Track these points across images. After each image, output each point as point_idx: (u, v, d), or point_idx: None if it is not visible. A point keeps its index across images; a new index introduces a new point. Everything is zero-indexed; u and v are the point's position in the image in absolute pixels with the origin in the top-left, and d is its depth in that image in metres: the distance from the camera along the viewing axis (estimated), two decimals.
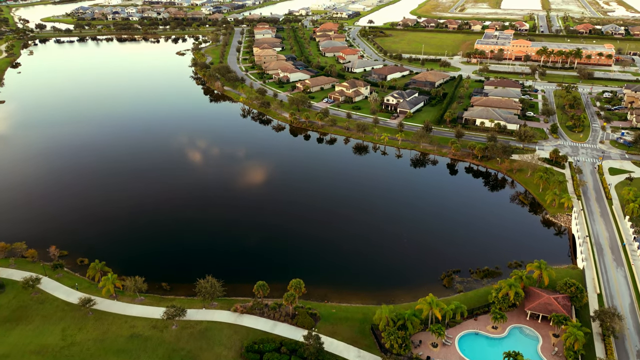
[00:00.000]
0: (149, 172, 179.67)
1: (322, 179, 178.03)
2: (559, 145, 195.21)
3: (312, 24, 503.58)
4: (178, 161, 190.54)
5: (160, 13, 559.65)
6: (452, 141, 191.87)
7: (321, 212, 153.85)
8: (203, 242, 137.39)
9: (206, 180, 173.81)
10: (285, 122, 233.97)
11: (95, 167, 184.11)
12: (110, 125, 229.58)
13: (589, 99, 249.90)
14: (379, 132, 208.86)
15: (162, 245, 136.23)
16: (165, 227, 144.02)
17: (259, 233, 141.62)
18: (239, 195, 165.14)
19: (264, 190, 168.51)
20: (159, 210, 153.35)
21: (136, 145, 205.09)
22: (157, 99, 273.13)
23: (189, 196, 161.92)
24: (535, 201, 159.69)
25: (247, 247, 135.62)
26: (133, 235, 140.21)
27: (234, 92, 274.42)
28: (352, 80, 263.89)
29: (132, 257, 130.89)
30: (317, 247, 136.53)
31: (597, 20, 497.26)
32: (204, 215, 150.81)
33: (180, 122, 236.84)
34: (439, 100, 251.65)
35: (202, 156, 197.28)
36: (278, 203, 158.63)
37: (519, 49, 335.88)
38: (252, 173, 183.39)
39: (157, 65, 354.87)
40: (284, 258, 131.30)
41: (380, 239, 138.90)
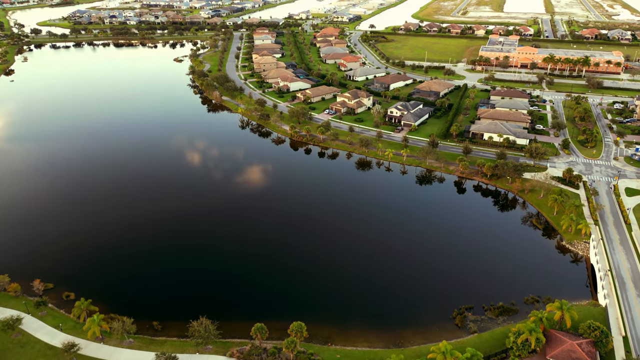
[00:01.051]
0: (142, 194, 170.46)
1: (322, 199, 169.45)
2: (572, 162, 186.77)
3: (313, 29, 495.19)
4: (172, 181, 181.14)
5: (158, 17, 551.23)
6: (459, 158, 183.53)
7: (322, 240, 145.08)
8: (198, 273, 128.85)
9: (201, 204, 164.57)
10: (285, 135, 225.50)
11: (85, 187, 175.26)
12: (102, 141, 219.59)
13: (599, 111, 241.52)
14: (383, 147, 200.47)
15: (154, 277, 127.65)
16: (157, 257, 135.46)
17: (257, 263, 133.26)
18: (235, 220, 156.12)
19: (261, 214, 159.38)
20: (151, 238, 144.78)
21: (129, 164, 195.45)
22: (153, 111, 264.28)
23: (182, 223, 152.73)
24: (549, 225, 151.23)
25: (245, 278, 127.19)
26: (123, 265, 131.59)
27: (233, 103, 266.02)
28: (355, 91, 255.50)
29: (121, 290, 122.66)
30: (318, 279, 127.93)
31: (602, 25, 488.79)
32: (199, 244, 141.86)
33: (177, 136, 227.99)
34: (444, 111, 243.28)
35: (198, 176, 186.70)
36: (277, 228, 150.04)
37: (525, 56, 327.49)
38: (250, 194, 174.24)
39: (154, 73, 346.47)
40: (283, 291, 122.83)
41: (386, 269, 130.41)
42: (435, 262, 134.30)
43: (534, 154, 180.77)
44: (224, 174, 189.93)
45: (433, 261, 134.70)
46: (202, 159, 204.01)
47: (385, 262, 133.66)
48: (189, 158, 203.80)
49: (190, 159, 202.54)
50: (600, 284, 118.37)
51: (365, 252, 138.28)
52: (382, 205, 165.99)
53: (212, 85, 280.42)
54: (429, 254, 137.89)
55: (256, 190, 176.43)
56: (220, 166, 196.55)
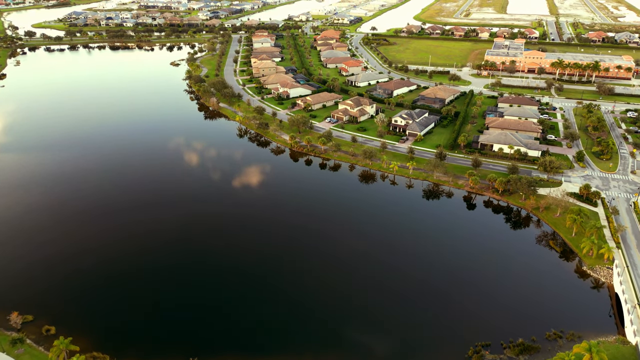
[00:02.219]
0: (133, 212, 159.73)
1: (324, 216, 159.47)
2: (587, 176, 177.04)
3: (313, 31, 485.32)
4: (164, 196, 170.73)
5: (155, 19, 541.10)
6: (469, 172, 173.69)
7: (323, 262, 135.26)
8: (193, 307, 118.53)
9: (195, 223, 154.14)
10: (284, 145, 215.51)
11: (73, 204, 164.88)
12: (91, 153, 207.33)
13: (612, 119, 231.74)
14: (388, 159, 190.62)
15: (143, 309, 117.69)
16: (148, 286, 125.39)
17: (255, 291, 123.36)
18: (232, 240, 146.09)
19: (259, 232, 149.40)
20: (142, 264, 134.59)
21: (119, 179, 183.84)
22: (147, 119, 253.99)
23: (176, 245, 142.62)
24: (567, 247, 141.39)
25: (240, 309, 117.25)
26: (110, 294, 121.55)
27: (230, 110, 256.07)
28: (357, 98, 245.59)
29: (107, 324, 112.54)
30: (318, 311, 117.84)
31: (608, 27, 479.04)
32: (193, 271, 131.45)
33: (171, 146, 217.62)
34: (451, 120, 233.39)
35: (192, 191, 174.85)
36: (275, 248, 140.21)
37: (532, 60, 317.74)
38: (247, 209, 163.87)
39: (150, 77, 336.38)
40: (279, 325, 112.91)
41: (391, 299, 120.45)
42: (445, 289, 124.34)
43: (548, 168, 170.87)
44: (219, 187, 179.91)
45: (443, 289, 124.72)
46: (197, 171, 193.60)
47: (391, 289, 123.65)
48: (183, 170, 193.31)
49: (184, 172, 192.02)
50: (629, 318, 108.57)
51: (368, 277, 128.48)
52: (387, 223, 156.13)
53: (209, 92, 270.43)
54: (439, 281, 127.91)
55: (253, 205, 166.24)
56: (216, 179, 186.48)
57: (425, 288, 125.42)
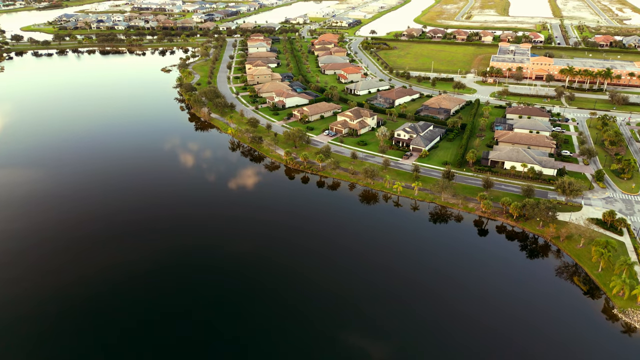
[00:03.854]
0: (111, 241, 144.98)
1: (320, 241, 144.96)
2: (609, 198, 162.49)
3: (310, 34, 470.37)
4: (146, 218, 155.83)
5: (148, 21, 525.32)
6: (480, 195, 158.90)
7: (320, 295, 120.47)
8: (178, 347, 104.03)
9: (175, 251, 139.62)
10: (279, 161, 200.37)
11: (49, 217, 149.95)
12: (68, 167, 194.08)
13: (628, 132, 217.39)
14: (391, 178, 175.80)
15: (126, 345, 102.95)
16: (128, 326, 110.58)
17: (245, 329, 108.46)
18: (217, 271, 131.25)
19: (249, 257, 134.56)
20: (122, 305, 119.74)
21: (98, 199, 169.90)
22: (134, 131, 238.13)
23: (159, 275, 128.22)
24: (593, 284, 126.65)
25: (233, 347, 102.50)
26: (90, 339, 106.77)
27: (222, 122, 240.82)
28: (357, 109, 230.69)
29: None
30: (315, 345, 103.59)
31: (615, 31, 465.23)
32: (176, 312, 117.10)
33: (157, 161, 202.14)
34: (457, 133, 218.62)
35: (175, 212, 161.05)
36: (267, 278, 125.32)
37: (539, 67, 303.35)
38: (236, 234, 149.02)
39: (139, 85, 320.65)
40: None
41: (393, 343, 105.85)
42: (453, 331, 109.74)
43: (567, 190, 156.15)
44: (206, 207, 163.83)
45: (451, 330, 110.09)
46: (183, 189, 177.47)
47: (393, 330, 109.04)
48: (167, 189, 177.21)
49: (169, 190, 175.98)
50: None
51: (368, 313, 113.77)
52: (389, 249, 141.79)
53: (200, 101, 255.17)
54: (447, 320, 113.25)
55: (243, 228, 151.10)
56: (204, 198, 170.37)
57: (432, 329, 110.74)
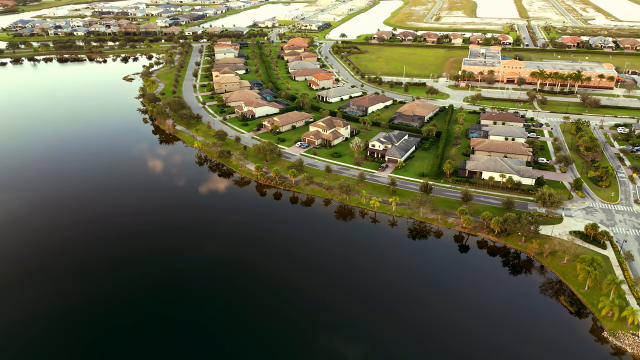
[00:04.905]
0: (62, 266, 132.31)
1: (293, 262, 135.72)
2: (589, 208, 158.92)
3: (280, 38, 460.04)
4: (97, 242, 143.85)
5: (110, 26, 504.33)
6: (460, 210, 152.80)
7: (287, 320, 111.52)
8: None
9: (130, 280, 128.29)
10: (249, 176, 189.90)
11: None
12: (18, 185, 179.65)
13: (603, 137, 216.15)
14: (367, 193, 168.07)
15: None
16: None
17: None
18: (179, 294, 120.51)
19: (212, 285, 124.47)
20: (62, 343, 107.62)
21: (49, 223, 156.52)
22: (91, 146, 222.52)
23: (102, 308, 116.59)
24: (579, 303, 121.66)
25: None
26: None
27: (188, 134, 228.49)
28: (329, 119, 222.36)
29: None
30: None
31: (581, 31, 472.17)
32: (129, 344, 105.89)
33: (116, 178, 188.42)
34: (433, 142, 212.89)
35: (133, 237, 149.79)
36: (230, 307, 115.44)
37: (511, 70, 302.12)
38: (199, 256, 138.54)
39: (99, 95, 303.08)
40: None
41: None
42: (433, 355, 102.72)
43: (547, 202, 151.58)
44: (170, 229, 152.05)
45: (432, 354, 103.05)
46: (143, 208, 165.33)
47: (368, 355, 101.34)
48: (126, 208, 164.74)
49: (127, 209, 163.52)
50: None
51: (340, 337, 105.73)
52: (366, 269, 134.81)
53: (164, 113, 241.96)
54: (429, 347, 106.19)
55: (209, 250, 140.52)
56: (166, 219, 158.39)
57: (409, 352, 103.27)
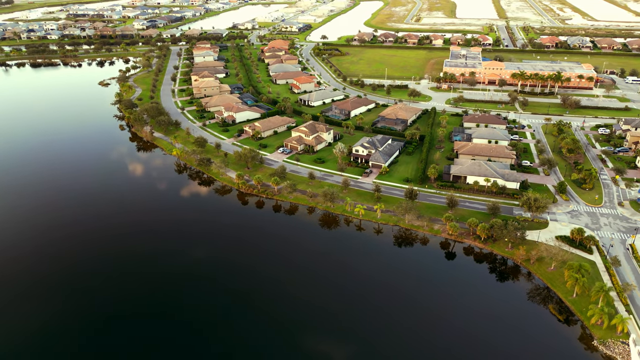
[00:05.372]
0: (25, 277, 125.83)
1: (276, 273, 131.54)
2: (573, 212, 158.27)
3: (260, 40, 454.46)
4: (72, 256, 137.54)
5: (85, 29, 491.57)
6: (446, 216, 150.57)
7: (267, 335, 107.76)
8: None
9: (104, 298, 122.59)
10: (231, 184, 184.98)
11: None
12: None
13: (585, 138, 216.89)
14: (352, 200, 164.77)
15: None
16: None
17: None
18: (156, 309, 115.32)
19: (191, 300, 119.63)
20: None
21: (24, 235, 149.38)
22: (66, 155, 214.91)
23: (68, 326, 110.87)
24: (567, 310, 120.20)
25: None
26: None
27: (167, 142, 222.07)
28: (312, 124, 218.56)
29: None
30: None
31: (559, 31, 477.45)
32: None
33: (91, 189, 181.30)
34: (416, 145, 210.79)
35: (109, 253, 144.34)
36: (208, 321, 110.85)
37: (492, 71, 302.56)
38: (179, 268, 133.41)
39: (74, 101, 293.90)
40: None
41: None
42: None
43: (532, 207, 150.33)
44: (147, 241, 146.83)
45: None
46: (120, 219, 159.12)
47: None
48: (101, 219, 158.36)
49: (103, 221, 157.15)
50: None
51: (325, 346, 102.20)
52: (351, 279, 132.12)
53: (142, 120, 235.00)
54: (415, 356, 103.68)
55: (190, 261, 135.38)
56: (143, 231, 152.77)
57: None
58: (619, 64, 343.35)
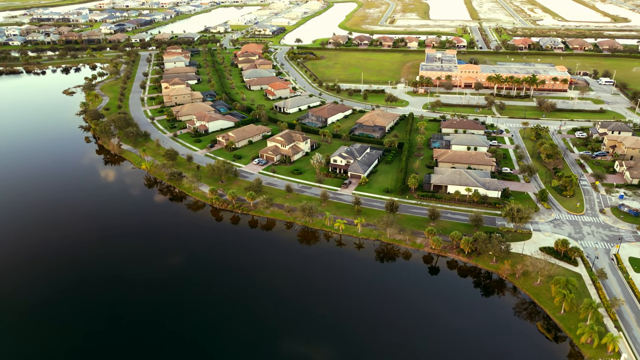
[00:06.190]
0: None
1: (251, 295, 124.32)
2: (556, 220, 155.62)
3: (233, 44, 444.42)
4: (30, 284, 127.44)
5: (49, 34, 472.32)
6: (428, 230, 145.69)
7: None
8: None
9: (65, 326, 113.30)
10: (204, 200, 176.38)
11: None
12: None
13: (563, 143, 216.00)
14: (331, 215, 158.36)
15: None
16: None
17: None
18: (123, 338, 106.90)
19: (159, 326, 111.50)
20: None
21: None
22: (28, 171, 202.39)
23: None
24: (557, 329, 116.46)
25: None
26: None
27: (136, 154, 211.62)
28: (288, 133, 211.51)
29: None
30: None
31: (531, 32, 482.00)
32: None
33: (56, 209, 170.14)
34: (395, 154, 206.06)
35: (68, 281, 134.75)
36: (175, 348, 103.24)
37: (468, 75, 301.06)
38: (146, 293, 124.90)
39: (36, 111, 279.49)
40: None
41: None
42: None
43: (515, 217, 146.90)
44: (111, 264, 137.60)
45: None
46: (83, 238, 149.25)
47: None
48: (63, 240, 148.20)
49: (65, 246, 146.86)
50: None
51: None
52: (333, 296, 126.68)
53: (109, 131, 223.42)
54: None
55: (158, 285, 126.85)
56: (106, 254, 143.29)
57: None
58: (591, 65, 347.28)
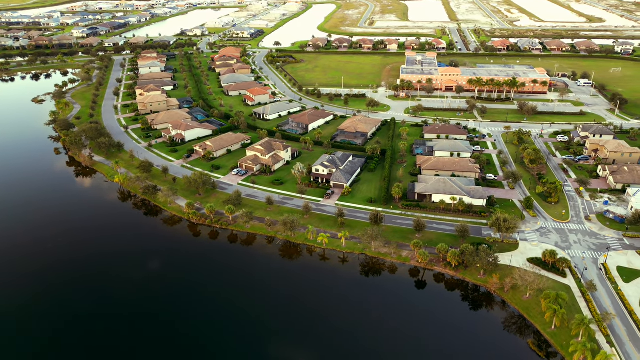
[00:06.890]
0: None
1: (230, 316, 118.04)
2: (542, 229, 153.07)
3: (210, 48, 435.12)
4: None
5: (18, 39, 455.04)
6: (414, 242, 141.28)
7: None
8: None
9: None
10: (180, 214, 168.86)
11: None
12: None
13: (545, 147, 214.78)
14: (314, 228, 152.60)
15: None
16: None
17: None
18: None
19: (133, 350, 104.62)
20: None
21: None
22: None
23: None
24: (548, 345, 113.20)
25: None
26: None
27: (108, 166, 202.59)
28: (268, 141, 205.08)
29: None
30: None
31: (509, 33, 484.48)
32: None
33: (23, 226, 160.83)
34: (378, 161, 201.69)
35: (34, 304, 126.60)
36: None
37: (448, 78, 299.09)
38: (117, 315, 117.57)
39: (2, 121, 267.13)
40: None
41: None
42: None
43: (502, 228, 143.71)
44: (75, 292, 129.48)
45: None
46: (47, 261, 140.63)
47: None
48: (29, 260, 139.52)
49: (26, 262, 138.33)
50: None
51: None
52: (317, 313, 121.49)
53: (80, 142, 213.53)
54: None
55: (127, 311, 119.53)
56: (74, 277, 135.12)
57: None
58: (569, 66, 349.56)
